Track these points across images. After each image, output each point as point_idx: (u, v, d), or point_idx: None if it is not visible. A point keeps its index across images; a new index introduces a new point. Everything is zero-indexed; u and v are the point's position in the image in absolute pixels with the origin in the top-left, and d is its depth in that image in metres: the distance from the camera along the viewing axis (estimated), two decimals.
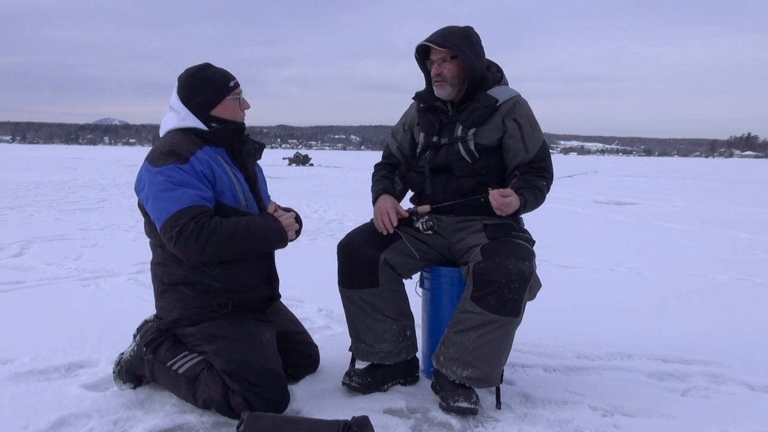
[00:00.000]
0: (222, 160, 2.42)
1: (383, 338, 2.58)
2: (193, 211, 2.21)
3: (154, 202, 2.25)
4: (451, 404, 2.35)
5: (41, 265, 5.03)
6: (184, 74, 2.44)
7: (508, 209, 2.43)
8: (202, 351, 2.36)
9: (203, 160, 2.33)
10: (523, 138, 2.61)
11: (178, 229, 2.18)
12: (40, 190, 12.34)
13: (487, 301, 2.32)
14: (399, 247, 2.59)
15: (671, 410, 2.46)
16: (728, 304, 4.21)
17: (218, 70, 2.46)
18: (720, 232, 8.06)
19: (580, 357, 3.06)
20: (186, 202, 2.21)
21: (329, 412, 2.34)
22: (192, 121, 2.40)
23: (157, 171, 2.27)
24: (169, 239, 2.21)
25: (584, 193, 14.35)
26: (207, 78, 2.41)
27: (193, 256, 2.25)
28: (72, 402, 2.38)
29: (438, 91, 2.65)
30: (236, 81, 2.47)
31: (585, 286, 4.70)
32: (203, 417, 2.31)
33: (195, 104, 2.40)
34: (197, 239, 2.19)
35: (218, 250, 2.25)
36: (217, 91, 2.41)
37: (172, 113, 2.43)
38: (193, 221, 2.19)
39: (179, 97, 2.42)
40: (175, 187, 2.23)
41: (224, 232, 2.24)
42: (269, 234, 2.39)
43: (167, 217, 2.21)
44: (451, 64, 2.60)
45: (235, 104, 2.47)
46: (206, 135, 2.41)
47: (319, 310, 3.81)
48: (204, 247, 2.20)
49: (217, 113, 2.43)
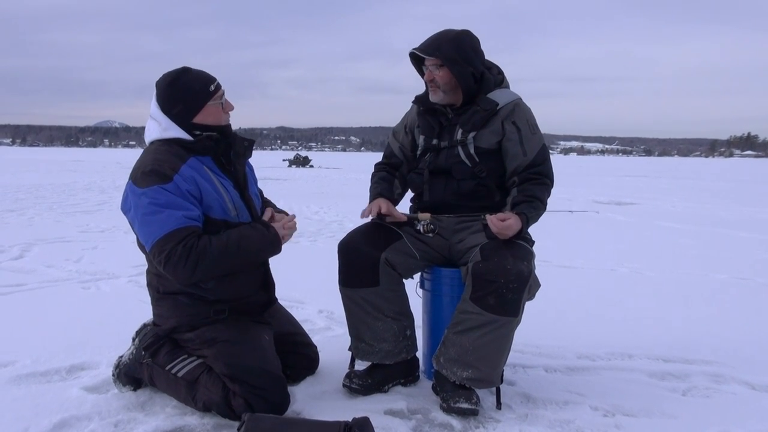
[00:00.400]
0: (208, 170, 2.35)
1: (383, 338, 2.57)
2: (180, 234, 2.16)
3: (140, 225, 2.22)
4: (451, 405, 2.35)
5: (42, 267, 5.03)
6: (162, 82, 2.33)
7: (508, 232, 2.41)
8: (201, 355, 2.36)
9: (188, 177, 2.26)
10: (521, 141, 2.60)
11: (166, 254, 2.15)
12: (41, 193, 12.36)
13: (486, 301, 2.32)
14: (400, 246, 2.59)
15: (672, 410, 2.46)
16: (729, 303, 4.21)
17: (197, 74, 2.35)
18: (720, 231, 8.06)
19: (581, 357, 3.06)
20: (172, 225, 2.16)
21: (330, 413, 2.34)
22: (174, 131, 2.32)
23: (141, 192, 2.21)
24: (159, 263, 2.19)
25: (584, 193, 14.35)
26: (186, 85, 2.31)
27: (184, 279, 2.23)
28: (73, 404, 2.38)
29: (432, 97, 2.65)
30: (217, 83, 2.37)
31: (585, 286, 4.70)
32: (204, 419, 2.30)
33: (175, 113, 2.31)
34: (186, 263, 2.15)
35: (210, 271, 2.23)
36: (198, 97, 2.31)
37: (154, 123, 2.35)
38: (180, 245, 2.15)
39: (159, 106, 2.32)
40: (160, 210, 2.17)
41: (214, 251, 2.20)
42: (262, 244, 2.36)
43: (154, 242, 2.17)
44: (442, 71, 2.60)
45: (218, 108, 2.38)
46: (190, 145, 2.33)
47: (320, 311, 3.81)
48: (194, 270, 2.18)
49: (200, 120, 2.34)
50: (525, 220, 2.45)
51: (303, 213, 9.33)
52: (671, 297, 4.36)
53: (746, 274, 5.23)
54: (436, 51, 2.56)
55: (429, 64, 2.62)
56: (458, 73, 2.56)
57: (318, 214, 9.37)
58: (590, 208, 10.66)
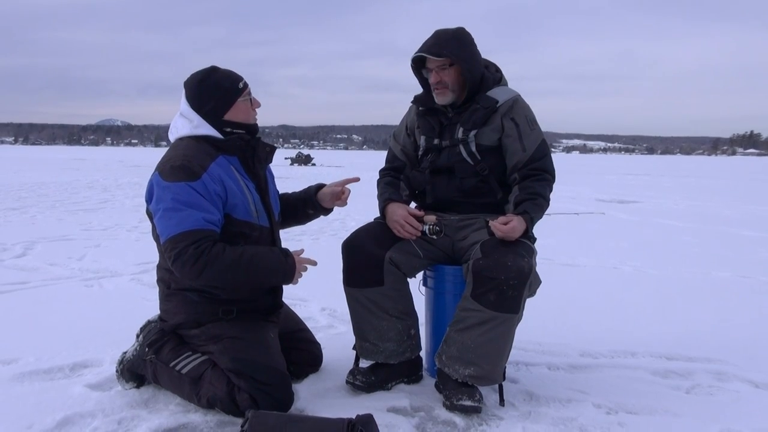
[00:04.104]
0: (235, 170, 2.37)
1: (387, 337, 2.57)
2: (194, 236, 2.16)
3: (160, 219, 2.22)
4: (454, 403, 2.35)
5: (45, 265, 5.04)
6: (192, 81, 2.36)
7: (513, 235, 2.40)
8: (206, 351, 2.37)
9: (215, 177, 2.27)
10: (520, 137, 2.60)
11: (177, 252, 2.15)
12: (43, 191, 12.37)
13: (486, 298, 2.32)
14: (404, 245, 2.59)
15: (675, 408, 2.46)
16: (732, 301, 4.20)
17: (226, 73, 2.38)
18: (723, 230, 8.05)
19: (584, 355, 3.06)
20: (189, 225, 2.16)
21: (333, 410, 2.34)
22: (205, 128, 2.34)
23: (166, 186, 2.22)
24: (168, 258, 2.19)
25: (587, 192, 14.33)
26: (216, 82, 2.34)
27: (188, 280, 2.24)
28: (76, 401, 2.38)
29: (439, 99, 2.64)
30: (245, 81, 2.40)
31: (588, 284, 4.70)
32: (207, 416, 2.31)
33: (207, 110, 2.33)
34: (193, 266, 2.15)
35: (215, 279, 2.21)
36: (228, 94, 2.35)
37: (184, 120, 2.37)
38: (192, 246, 2.15)
39: (190, 105, 2.35)
40: (181, 208, 2.18)
41: (225, 261, 2.18)
42: (275, 268, 2.32)
43: (168, 237, 2.18)
44: (450, 71, 2.59)
45: (247, 105, 2.41)
46: (221, 144, 2.35)
47: (323, 309, 3.82)
48: (199, 274, 2.17)
49: (231, 117, 2.37)
50: (529, 220, 2.45)
51: None
52: (674, 295, 4.36)
53: (749, 272, 5.22)
54: (443, 50, 2.55)
55: (435, 66, 2.60)
56: (467, 70, 2.56)
57: None
58: (595, 208, 10.63)
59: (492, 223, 2.41)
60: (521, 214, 2.44)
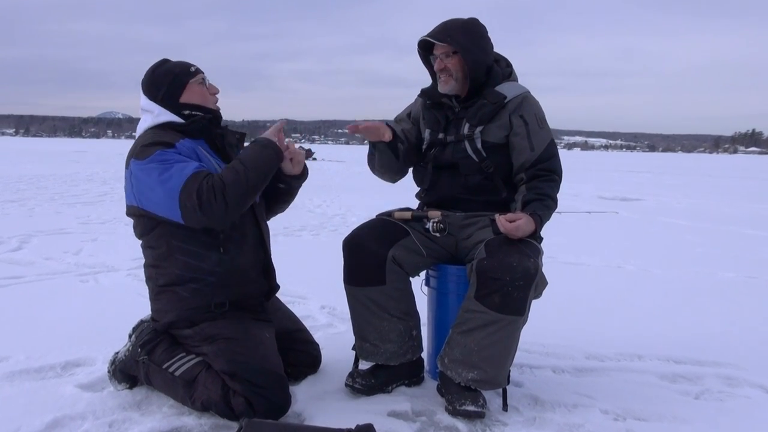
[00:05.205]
0: (204, 151, 2.36)
1: (388, 338, 2.49)
2: (199, 176, 2.16)
3: (159, 187, 2.17)
4: (457, 408, 2.28)
5: (40, 259, 4.97)
6: (145, 73, 2.41)
7: (518, 233, 2.31)
8: (200, 352, 2.29)
9: (188, 147, 2.29)
10: (528, 135, 2.51)
11: (196, 194, 2.12)
12: (42, 184, 12.31)
13: (491, 299, 2.24)
14: (407, 244, 2.51)
15: (685, 414, 2.38)
16: (738, 302, 4.12)
17: (177, 61, 2.44)
18: (726, 228, 7.97)
19: (589, 357, 2.98)
20: (190, 170, 2.17)
21: (332, 414, 2.27)
22: (166, 115, 2.35)
23: (147, 161, 2.21)
24: (193, 210, 2.13)
25: (589, 189, 14.26)
26: (167, 69, 2.38)
27: (220, 214, 2.16)
28: (67, 402, 2.30)
29: (442, 87, 2.57)
30: (197, 68, 2.42)
31: (592, 283, 4.62)
32: (202, 419, 2.23)
33: (162, 96, 2.35)
34: (215, 196, 2.13)
35: (238, 195, 2.18)
36: (179, 77, 2.37)
37: (146, 114, 2.39)
38: (204, 181, 2.14)
39: (147, 96, 2.38)
40: (172, 165, 2.19)
41: (230, 177, 2.18)
42: (262, 153, 2.30)
43: (180, 190, 2.14)
44: (454, 59, 2.52)
45: (203, 89, 2.41)
46: (183, 128, 2.35)
47: (322, 307, 3.74)
48: (225, 200, 2.14)
49: (187, 99, 2.37)
50: (538, 221, 2.37)
51: (306, 206, 9.25)
52: (679, 295, 4.28)
53: (754, 272, 5.15)
54: (447, 37, 2.48)
55: (439, 52, 2.53)
56: (471, 61, 2.48)
57: (321, 207, 9.29)
58: (597, 206, 10.55)
59: (498, 218, 2.33)
60: (530, 214, 2.35)
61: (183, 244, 2.29)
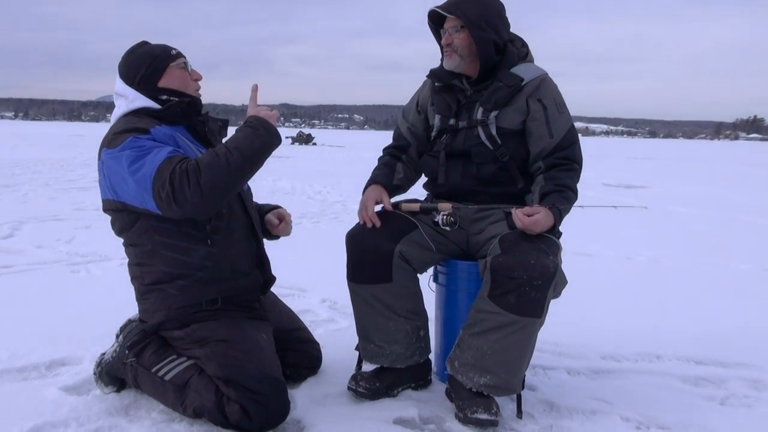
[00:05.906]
0: (183, 138, 2.18)
1: (394, 339, 2.33)
2: (173, 160, 1.95)
3: (131, 175, 1.98)
4: (468, 416, 2.11)
5: (31, 247, 4.81)
6: (123, 56, 2.24)
7: (536, 228, 2.13)
8: (192, 355, 2.12)
9: (164, 134, 2.10)
10: (547, 121, 2.33)
11: (168, 182, 1.90)
12: (38, 168, 12.13)
13: (506, 299, 2.07)
14: (415, 238, 2.33)
15: (711, 422, 2.21)
16: (757, 297, 3.96)
17: (157, 44, 2.27)
18: (736, 217, 7.79)
19: (605, 358, 2.82)
20: (162, 156, 1.97)
21: (333, 420, 2.12)
22: (141, 101, 2.17)
23: (119, 149, 2.02)
24: (167, 201, 1.92)
25: (593, 176, 14.06)
26: (146, 51, 2.21)
27: (196, 202, 1.92)
28: (48, 408, 2.15)
29: (446, 62, 2.38)
30: (179, 51, 2.25)
31: (602, 276, 4.45)
32: (194, 426, 2.07)
33: (139, 79, 2.17)
34: (189, 182, 1.90)
35: (215, 181, 1.92)
36: (159, 60, 2.20)
37: (120, 99, 2.21)
38: (177, 166, 1.93)
39: (123, 80, 2.20)
40: (146, 152, 1.99)
41: (207, 158, 1.95)
42: (254, 135, 2.03)
43: (152, 178, 1.93)
44: (462, 34, 2.32)
45: (184, 73, 2.24)
46: (159, 113, 2.17)
47: (323, 300, 3.57)
48: (199, 187, 1.90)
49: (165, 84, 2.20)
50: (558, 216, 2.19)
51: (306, 192, 9.08)
52: (694, 289, 4.11)
53: None
54: (457, 10, 2.29)
55: (448, 26, 2.34)
56: (478, 38, 2.29)
57: (321, 194, 9.11)
58: (609, 195, 10.37)
59: (515, 212, 2.16)
60: (549, 208, 2.18)
61: (167, 239, 2.11)
